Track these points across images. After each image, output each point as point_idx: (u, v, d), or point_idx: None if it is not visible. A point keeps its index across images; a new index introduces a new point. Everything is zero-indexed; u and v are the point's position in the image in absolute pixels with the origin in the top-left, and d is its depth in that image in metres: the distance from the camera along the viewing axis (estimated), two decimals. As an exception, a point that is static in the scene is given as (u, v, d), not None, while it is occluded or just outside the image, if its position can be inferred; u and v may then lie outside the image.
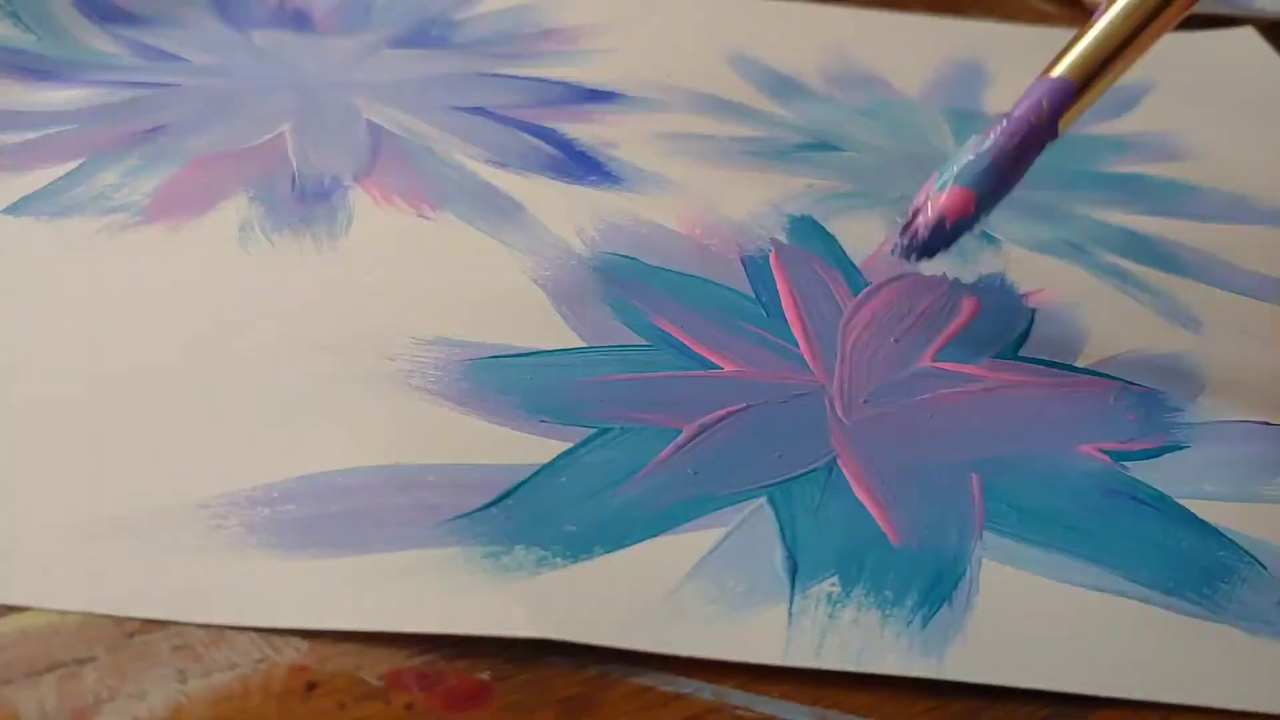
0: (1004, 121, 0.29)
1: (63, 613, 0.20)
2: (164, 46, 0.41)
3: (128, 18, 0.43)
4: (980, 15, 0.52)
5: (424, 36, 0.45)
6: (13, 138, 0.35)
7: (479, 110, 0.39)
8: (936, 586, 0.23)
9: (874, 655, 0.22)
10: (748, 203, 0.36)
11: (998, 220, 0.35)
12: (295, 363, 0.27)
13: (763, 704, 0.21)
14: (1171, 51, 0.48)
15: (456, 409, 0.26)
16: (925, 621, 0.22)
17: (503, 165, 0.36)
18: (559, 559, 0.23)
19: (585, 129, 0.39)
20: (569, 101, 0.41)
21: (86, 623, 0.20)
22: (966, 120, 0.43)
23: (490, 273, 0.31)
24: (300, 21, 0.45)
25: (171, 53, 0.41)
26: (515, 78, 0.42)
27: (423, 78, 0.41)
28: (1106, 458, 0.27)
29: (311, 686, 0.20)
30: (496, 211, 0.34)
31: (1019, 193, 0.36)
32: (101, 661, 0.20)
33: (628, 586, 0.22)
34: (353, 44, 0.43)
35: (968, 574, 0.24)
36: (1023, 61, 0.45)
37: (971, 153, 0.29)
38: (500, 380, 0.27)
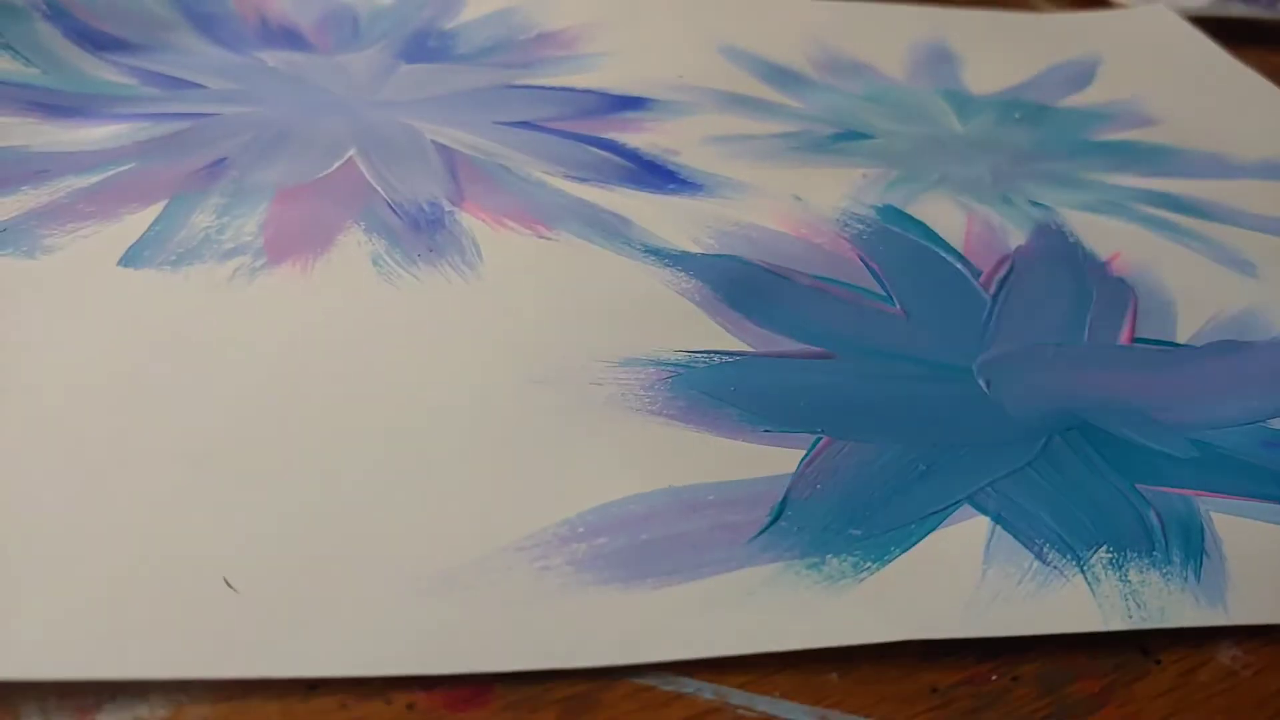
0: None
1: None
2: (173, 73, 0.39)
3: (121, 45, 0.40)
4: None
5: (425, 49, 0.44)
6: (75, 181, 0.32)
7: (525, 125, 0.39)
8: (1188, 542, 0.25)
9: (1175, 611, 0.23)
10: (828, 197, 0.37)
11: (1032, 189, 0.38)
12: (515, 399, 0.27)
13: (764, 704, 0.21)
14: (1101, 29, 0.52)
15: (684, 426, 0.27)
16: (1198, 574, 0.24)
17: (584, 180, 0.36)
18: (870, 562, 0.24)
19: (638, 137, 0.39)
20: (605, 111, 0.41)
21: None
22: (962, 101, 0.46)
23: (635, 288, 0.31)
24: (293, 39, 0.43)
25: (185, 80, 0.39)
26: (542, 89, 0.42)
27: (453, 93, 0.41)
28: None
29: (313, 686, 0.20)
30: (607, 227, 0.34)
31: (1038, 164, 0.40)
32: None
33: (938, 579, 0.24)
34: (364, 61, 0.42)
35: (1205, 528, 0.26)
36: (982, 42, 0.49)
37: None
38: (709, 393, 0.28)
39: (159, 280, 0.29)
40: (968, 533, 0.25)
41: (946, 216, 0.36)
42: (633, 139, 0.39)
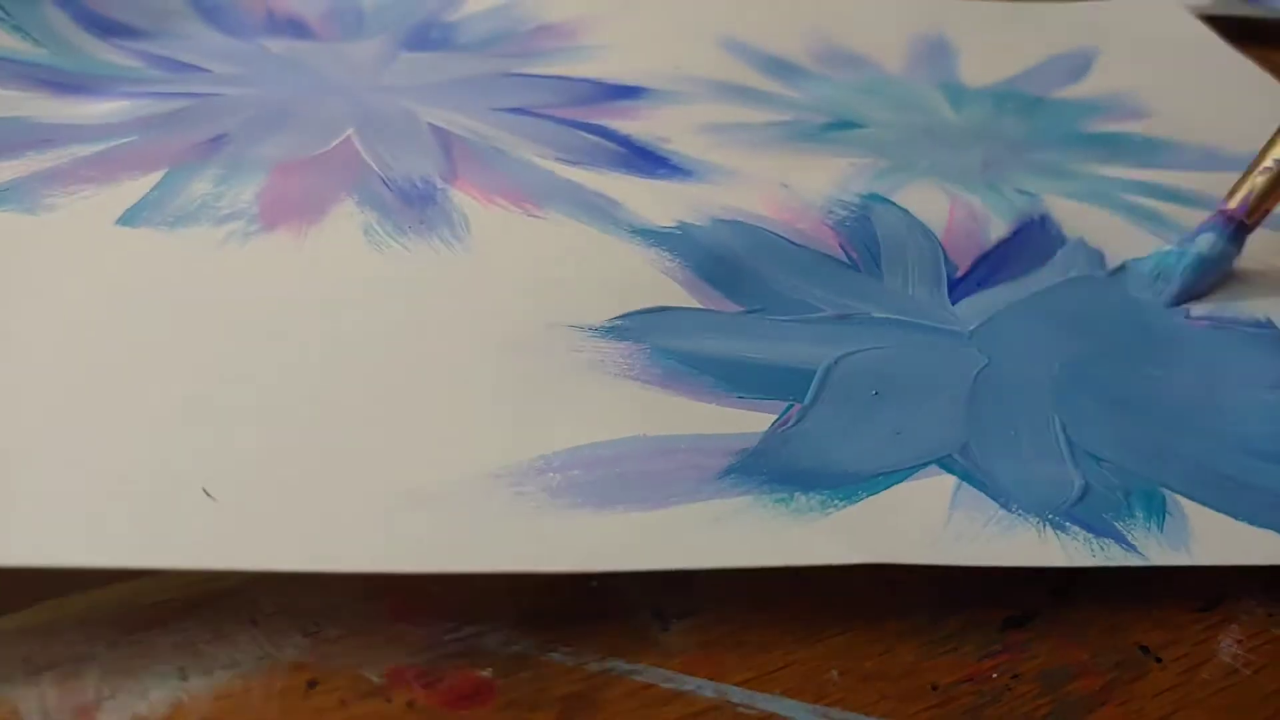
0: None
1: (63, 610, 0.20)
2: (178, 58, 0.40)
3: (128, 31, 0.41)
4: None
5: (427, 39, 0.45)
6: (79, 150, 0.33)
7: (520, 110, 0.40)
8: (1150, 503, 0.26)
9: (1140, 553, 0.24)
10: (815, 185, 0.37)
11: (1020, 178, 0.38)
12: (496, 359, 0.27)
13: (764, 701, 0.21)
14: (1102, 19, 0.53)
15: (662, 391, 0.27)
16: (1161, 527, 0.25)
17: (576, 163, 0.37)
18: (838, 500, 0.24)
19: (631, 124, 0.40)
20: (600, 99, 0.42)
21: (87, 620, 0.20)
22: (956, 92, 0.46)
23: (619, 264, 0.32)
24: (298, 29, 0.44)
25: (190, 64, 0.40)
26: (540, 77, 0.43)
27: (451, 80, 0.41)
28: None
29: (312, 684, 0.20)
30: (596, 208, 0.34)
31: (1029, 154, 0.40)
32: (102, 659, 0.20)
33: (905, 520, 0.24)
34: (367, 49, 0.43)
35: (1165, 496, 0.26)
36: (980, 33, 0.50)
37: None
38: (685, 361, 0.28)
39: (154, 239, 0.30)
40: (935, 485, 0.25)
41: (931, 204, 0.37)
42: (625, 126, 0.39)
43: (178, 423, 0.24)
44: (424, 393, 0.26)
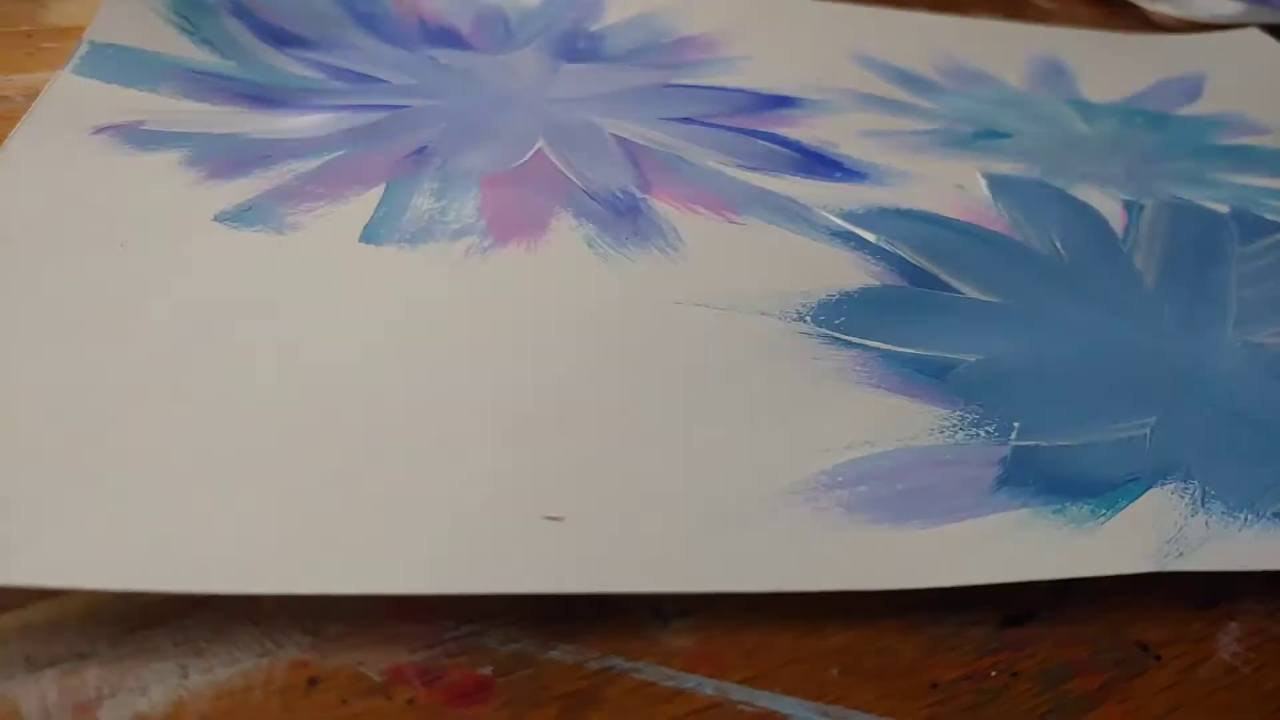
0: None
1: (64, 607, 0.20)
2: (354, 68, 0.41)
3: (301, 41, 0.42)
4: (984, 14, 0.56)
5: (575, 50, 0.46)
6: (297, 165, 0.34)
7: (688, 120, 0.41)
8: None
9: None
10: (984, 186, 0.39)
11: (1166, 186, 0.40)
12: (747, 367, 0.29)
13: (764, 699, 0.21)
14: (1201, 49, 0.55)
15: (901, 398, 0.29)
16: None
17: (755, 169, 0.38)
18: (1104, 510, 0.26)
19: (797, 131, 0.41)
20: (759, 109, 0.43)
21: (87, 618, 0.20)
22: (1084, 107, 0.48)
23: (828, 269, 0.33)
24: (453, 39, 0.45)
25: (367, 74, 0.41)
26: (697, 88, 0.44)
27: (616, 91, 0.43)
28: None
29: (313, 682, 0.20)
30: (790, 212, 0.36)
31: (1166, 165, 0.42)
32: (103, 656, 0.20)
33: (1163, 525, 0.26)
34: (527, 60, 0.44)
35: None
36: (1092, 57, 0.51)
37: None
38: (920, 370, 0.30)
39: (399, 256, 0.31)
40: (1175, 489, 0.27)
41: (1099, 205, 0.38)
42: (791, 132, 0.41)
43: (493, 440, 0.25)
44: (694, 405, 0.27)
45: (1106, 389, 0.30)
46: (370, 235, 0.31)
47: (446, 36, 0.45)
